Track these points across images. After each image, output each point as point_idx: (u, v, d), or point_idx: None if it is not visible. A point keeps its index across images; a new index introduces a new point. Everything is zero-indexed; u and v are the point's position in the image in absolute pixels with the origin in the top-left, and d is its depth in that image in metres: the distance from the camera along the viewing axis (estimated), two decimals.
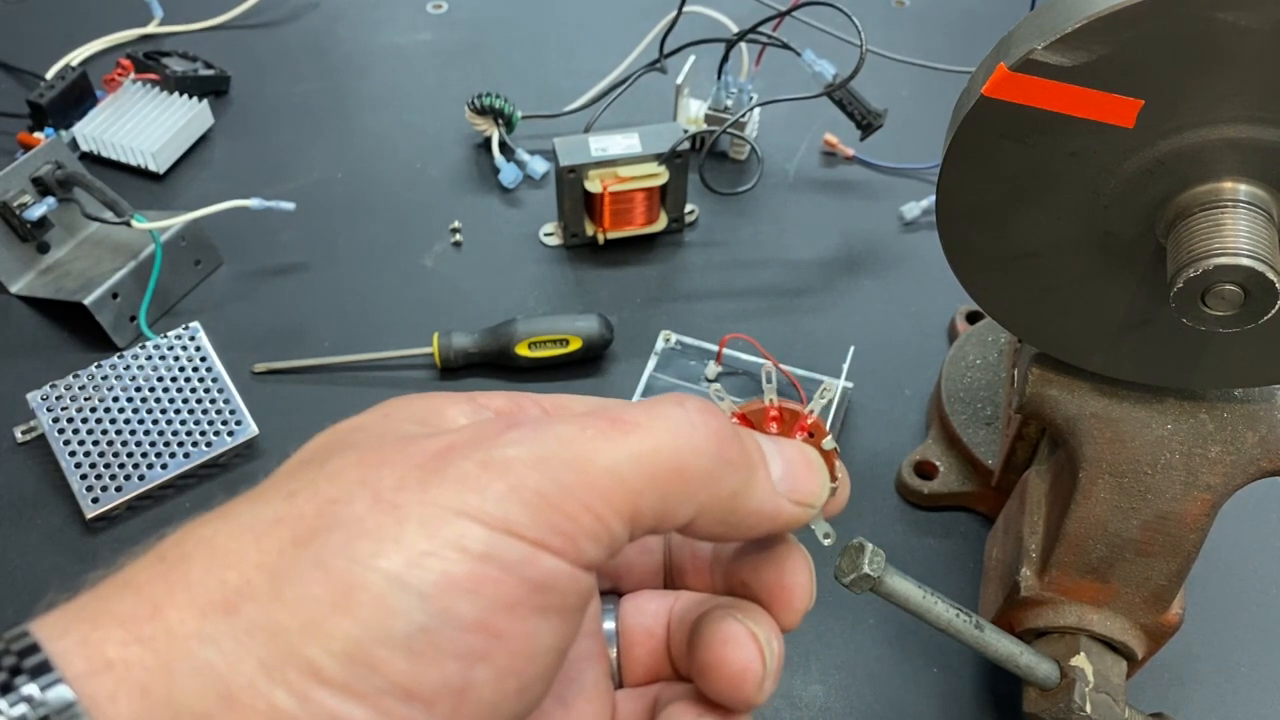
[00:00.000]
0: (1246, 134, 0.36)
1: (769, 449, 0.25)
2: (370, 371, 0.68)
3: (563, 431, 0.22)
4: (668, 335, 0.68)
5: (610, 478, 0.21)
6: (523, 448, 0.21)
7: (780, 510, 0.25)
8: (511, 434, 0.22)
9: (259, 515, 0.21)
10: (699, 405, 0.23)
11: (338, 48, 0.93)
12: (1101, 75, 0.36)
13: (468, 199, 0.80)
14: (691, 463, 0.23)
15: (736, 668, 0.25)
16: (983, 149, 0.40)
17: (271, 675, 0.18)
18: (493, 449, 0.21)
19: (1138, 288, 0.42)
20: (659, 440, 0.22)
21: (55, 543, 0.59)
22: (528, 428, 0.22)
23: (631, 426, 0.22)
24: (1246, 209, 0.37)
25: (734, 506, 0.24)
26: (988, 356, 0.65)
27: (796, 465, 0.26)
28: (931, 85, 0.84)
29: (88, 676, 0.18)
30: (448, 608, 0.19)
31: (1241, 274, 0.35)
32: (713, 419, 0.23)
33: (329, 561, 0.19)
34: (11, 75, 0.87)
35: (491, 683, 0.20)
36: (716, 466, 0.23)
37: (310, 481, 0.21)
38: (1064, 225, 0.41)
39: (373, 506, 0.20)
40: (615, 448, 0.22)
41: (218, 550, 0.20)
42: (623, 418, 0.22)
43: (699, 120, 0.81)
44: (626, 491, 0.22)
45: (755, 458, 0.24)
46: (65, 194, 0.69)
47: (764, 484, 0.25)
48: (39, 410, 0.60)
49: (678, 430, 0.23)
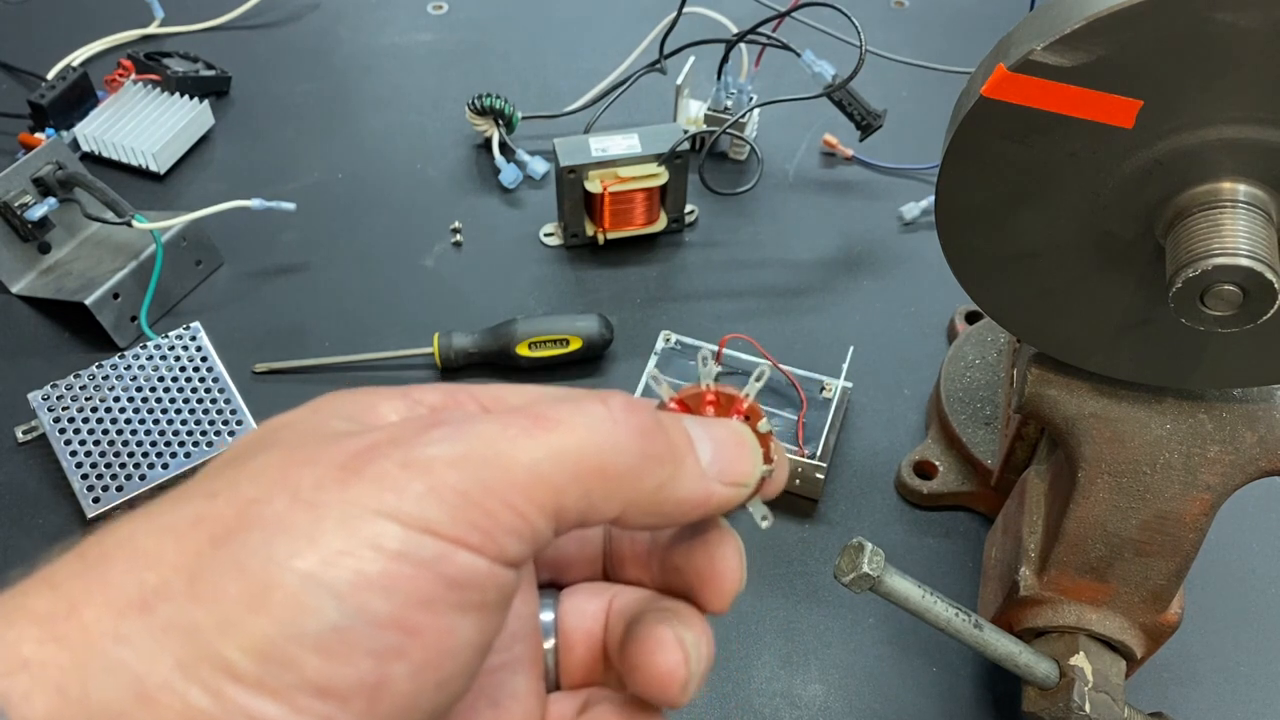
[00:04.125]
0: (1245, 134, 0.36)
1: (697, 432, 0.25)
2: (370, 372, 0.68)
3: (484, 430, 0.22)
4: (668, 335, 0.68)
5: (530, 475, 0.22)
6: (443, 446, 0.21)
7: (711, 494, 0.25)
8: (433, 433, 0.22)
9: (180, 515, 0.21)
10: (622, 402, 0.24)
11: (338, 48, 0.93)
12: (1100, 76, 0.36)
13: (468, 199, 0.80)
14: (613, 460, 0.23)
15: (662, 670, 0.25)
16: (982, 149, 0.40)
17: (187, 673, 0.19)
18: (413, 448, 0.21)
19: (1137, 288, 0.43)
20: (580, 437, 0.22)
21: (56, 543, 0.58)
22: (449, 426, 0.22)
23: (554, 424, 0.22)
24: (1245, 209, 0.37)
25: (661, 498, 0.24)
26: (987, 356, 0.65)
27: (726, 446, 0.26)
28: (931, 86, 0.84)
29: (2, 676, 0.18)
30: (362, 605, 0.20)
31: (1240, 274, 0.36)
32: (635, 415, 0.24)
33: (245, 561, 0.20)
34: (12, 76, 0.87)
35: (407, 678, 0.20)
36: (640, 462, 0.23)
37: (232, 481, 0.22)
38: (1063, 225, 0.41)
39: (291, 506, 0.20)
40: (536, 445, 0.22)
41: (137, 550, 0.20)
42: (545, 415, 0.23)
43: (699, 121, 0.81)
44: (548, 488, 0.22)
45: (682, 447, 0.25)
46: (66, 194, 0.69)
47: (692, 471, 0.25)
48: (40, 410, 0.60)
49: (599, 427, 0.23)
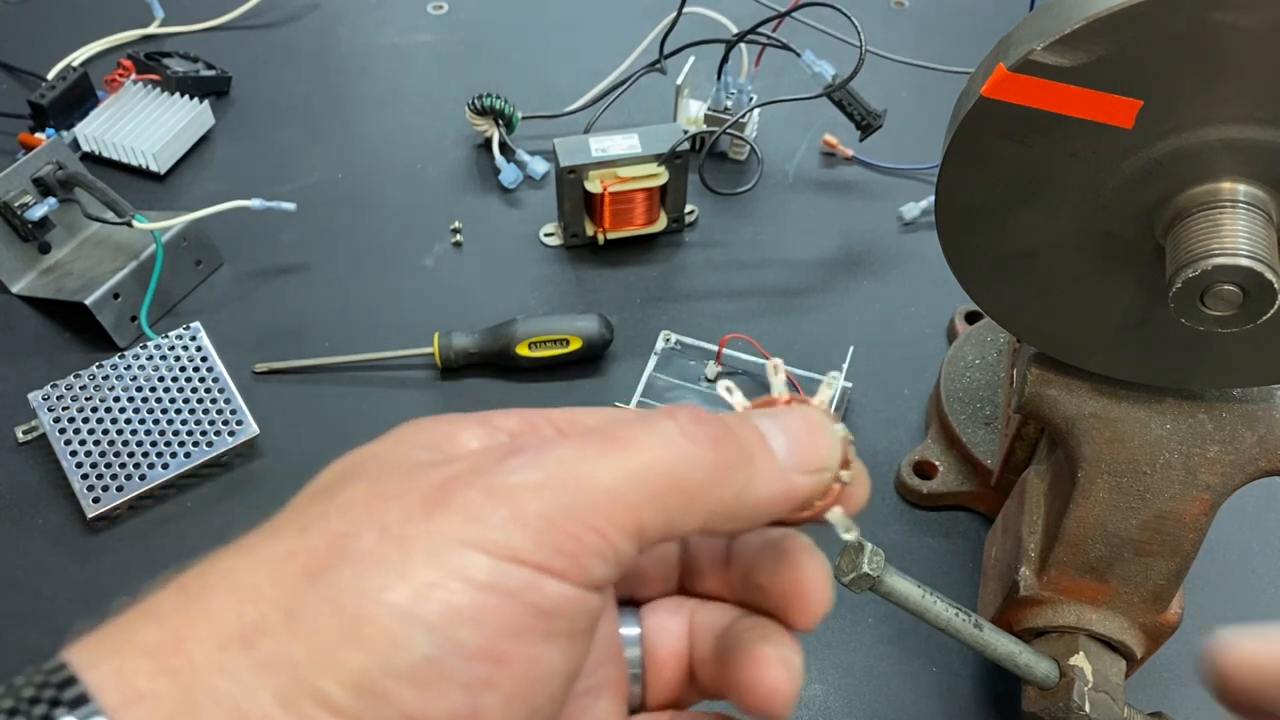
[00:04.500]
0: (1245, 134, 0.36)
1: (768, 426, 0.25)
2: (370, 371, 0.68)
3: (561, 454, 0.22)
4: (668, 335, 0.68)
5: (610, 496, 0.22)
6: (524, 473, 0.22)
7: (792, 485, 0.25)
8: (513, 460, 0.22)
9: (275, 549, 0.22)
10: (691, 415, 0.24)
11: (338, 48, 0.93)
12: (1100, 76, 0.36)
13: (468, 199, 0.80)
14: (689, 473, 0.23)
15: (770, 688, 0.26)
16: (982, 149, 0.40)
17: (287, 707, 0.19)
18: (494, 476, 0.22)
19: (1136, 288, 0.43)
20: (655, 455, 0.23)
21: (56, 542, 0.59)
22: (528, 453, 0.22)
23: (628, 443, 0.23)
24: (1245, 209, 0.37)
25: (742, 502, 0.24)
26: (987, 356, 0.65)
27: (799, 433, 0.25)
28: (931, 86, 0.84)
29: (122, 708, 0.19)
30: (453, 637, 0.20)
31: (1240, 274, 0.36)
32: (705, 425, 0.24)
33: (338, 596, 0.20)
34: (13, 76, 0.87)
35: (499, 709, 0.21)
36: (715, 471, 0.23)
37: (322, 515, 0.22)
38: (1063, 225, 0.41)
39: (380, 540, 0.21)
40: (613, 466, 0.22)
41: (236, 584, 0.21)
42: (619, 435, 0.23)
43: (699, 121, 0.81)
44: (628, 508, 0.22)
45: (754, 446, 0.24)
46: (66, 194, 0.69)
47: (769, 468, 0.24)
48: (40, 410, 0.60)
49: (672, 443, 0.23)
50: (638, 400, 0.64)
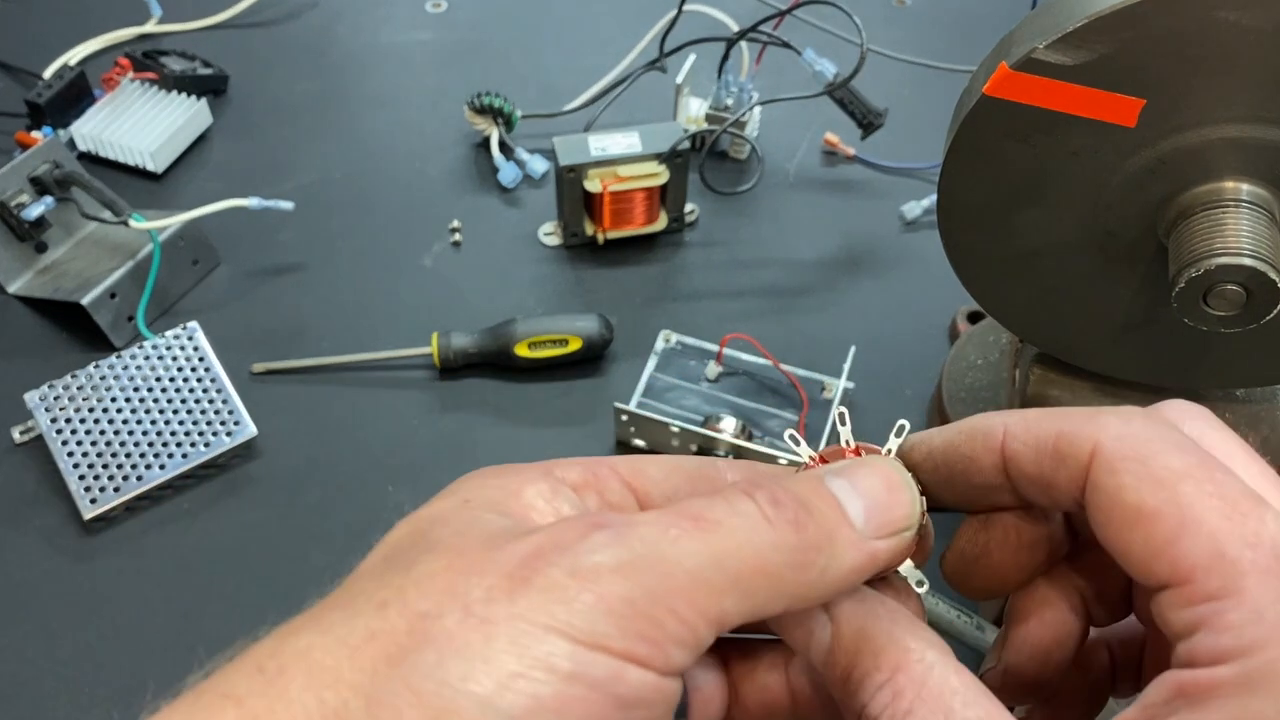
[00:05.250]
0: (1248, 133, 0.36)
1: (844, 492, 0.24)
2: (369, 371, 0.68)
3: (646, 533, 0.22)
4: (668, 335, 0.68)
5: (694, 580, 0.21)
6: (608, 552, 0.21)
7: (874, 555, 0.24)
8: (596, 537, 0.22)
9: (353, 629, 0.21)
10: (768, 495, 0.23)
11: (337, 47, 0.92)
12: (1103, 74, 0.36)
13: (467, 198, 0.79)
14: (772, 558, 0.22)
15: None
16: (984, 148, 0.39)
17: None
18: (579, 556, 0.21)
19: (1139, 288, 0.42)
20: (739, 540, 0.22)
21: (53, 544, 0.59)
22: (611, 530, 0.22)
23: (712, 525, 0.22)
24: (1248, 208, 0.37)
25: (825, 580, 0.23)
26: (989, 356, 0.64)
27: (877, 494, 0.25)
28: (932, 84, 0.84)
29: None
30: None
31: (1244, 274, 0.35)
32: (784, 507, 0.23)
33: (420, 684, 0.20)
34: (9, 74, 0.86)
35: None
36: (798, 555, 0.23)
37: (399, 590, 0.22)
38: (1065, 225, 0.41)
39: (462, 622, 0.20)
40: (698, 549, 0.22)
41: (314, 666, 0.20)
42: (701, 515, 0.22)
43: (699, 119, 0.81)
44: (712, 593, 0.21)
45: (834, 522, 0.24)
46: (63, 193, 0.69)
47: (849, 540, 0.24)
48: (37, 410, 0.60)
49: (755, 527, 0.22)
50: (638, 400, 0.64)
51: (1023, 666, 0.27)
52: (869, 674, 0.23)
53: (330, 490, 0.62)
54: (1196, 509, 0.21)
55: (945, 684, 0.22)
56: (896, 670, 0.23)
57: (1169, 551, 0.21)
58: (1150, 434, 0.23)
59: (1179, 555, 0.21)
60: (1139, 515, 0.21)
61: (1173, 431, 0.23)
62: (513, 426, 0.65)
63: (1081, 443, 0.23)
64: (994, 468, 0.25)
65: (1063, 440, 0.23)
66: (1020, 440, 0.25)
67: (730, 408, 0.65)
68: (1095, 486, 0.22)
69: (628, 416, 0.62)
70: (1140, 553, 0.21)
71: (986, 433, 0.25)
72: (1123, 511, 0.22)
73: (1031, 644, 0.27)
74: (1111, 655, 0.29)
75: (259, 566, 0.58)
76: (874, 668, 0.23)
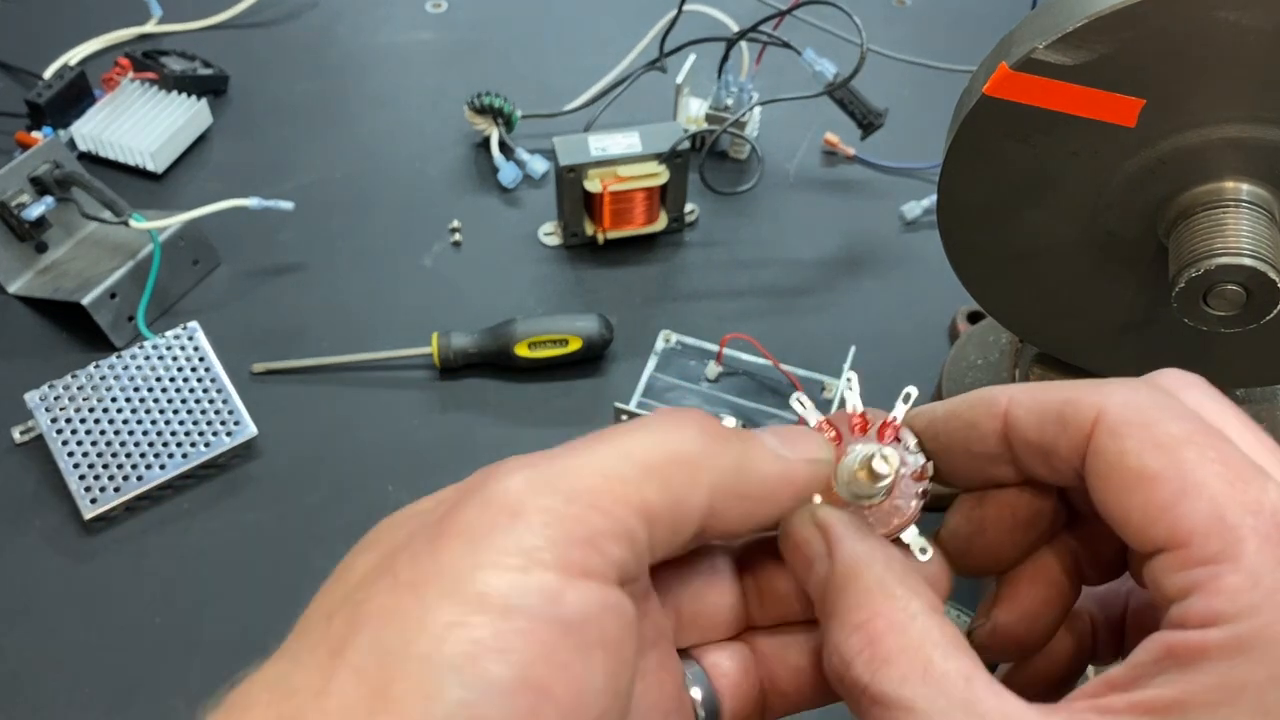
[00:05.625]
0: (1248, 133, 0.36)
1: (756, 431, 0.25)
2: (369, 371, 0.68)
3: (550, 454, 0.22)
4: (668, 335, 0.68)
5: (607, 476, 0.21)
6: (517, 476, 0.21)
7: (793, 468, 0.25)
8: (504, 466, 0.22)
9: (303, 643, 0.21)
10: (677, 409, 0.24)
11: (337, 47, 0.92)
12: (1103, 74, 0.36)
13: (467, 198, 0.79)
14: (681, 447, 0.23)
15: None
16: (984, 148, 0.39)
17: None
18: (488, 489, 0.21)
19: (1139, 288, 0.42)
20: (644, 437, 0.23)
21: (53, 543, 0.59)
22: (519, 458, 0.22)
23: (614, 434, 0.23)
24: (1248, 209, 0.37)
25: (744, 478, 0.24)
26: (989, 357, 0.64)
27: (786, 432, 0.26)
28: (932, 84, 0.84)
29: None
30: (483, 676, 0.19)
31: (1244, 274, 0.35)
32: (692, 413, 0.24)
33: (362, 663, 0.20)
34: (9, 74, 0.86)
35: None
36: (708, 443, 0.23)
37: (343, 598, 0.22)
38: (1065, 225, 0.41)
39: (392, 593, 0.20)
40: (605, 450, 0.22)
41: (271, 686, 0.21)
42: (604, 432, 0.23)
43: (699, 119, 0.81)
44: (628, 484, 0.22)
45: (745, 434, 0.24)
46: (63, 193, 0.69)
47: (763, 451, 0.24)
48: (37, 410, 0.60)
49: (661, 425, 0.23)
50: (638, 400, 0.64)
51: (1012, 626, 0.27)
52: (848, 611, 0.23)
53: (330, 490, 0.62)
54: (1198, 474, 0.21)
55: (927, 636, 0.22)
56: (876, 615, 0.23)
57: (1168, 515, 0.21)
58: (1154, 401, 0.23)
59: (1178, 518, 0.21)
60: (1139, 478, 0.21)
61: (1175, 400, 0.23)
62: (513, 426, 0.65)
63: (1085, 409, 0.23)
64: (995, 434, 0.25)
65: (1068, 406, 0.23)
66: (1024, 407, 0.25)
67: (730, 408, 0.65)
68: (1097, 450, 0.22)
69: (628, 416, 0.62)
70: (1139, 517, 0.21)
71: (990, 400, 0.26)
72: (1123, 475, 0.22)
73: (1023, 604, 0.27)
74: (1094, 623, 0.29)
75: (259, 566, 0.58)
76: (855, 605, 0.23)
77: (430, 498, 0.25)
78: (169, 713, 0.52)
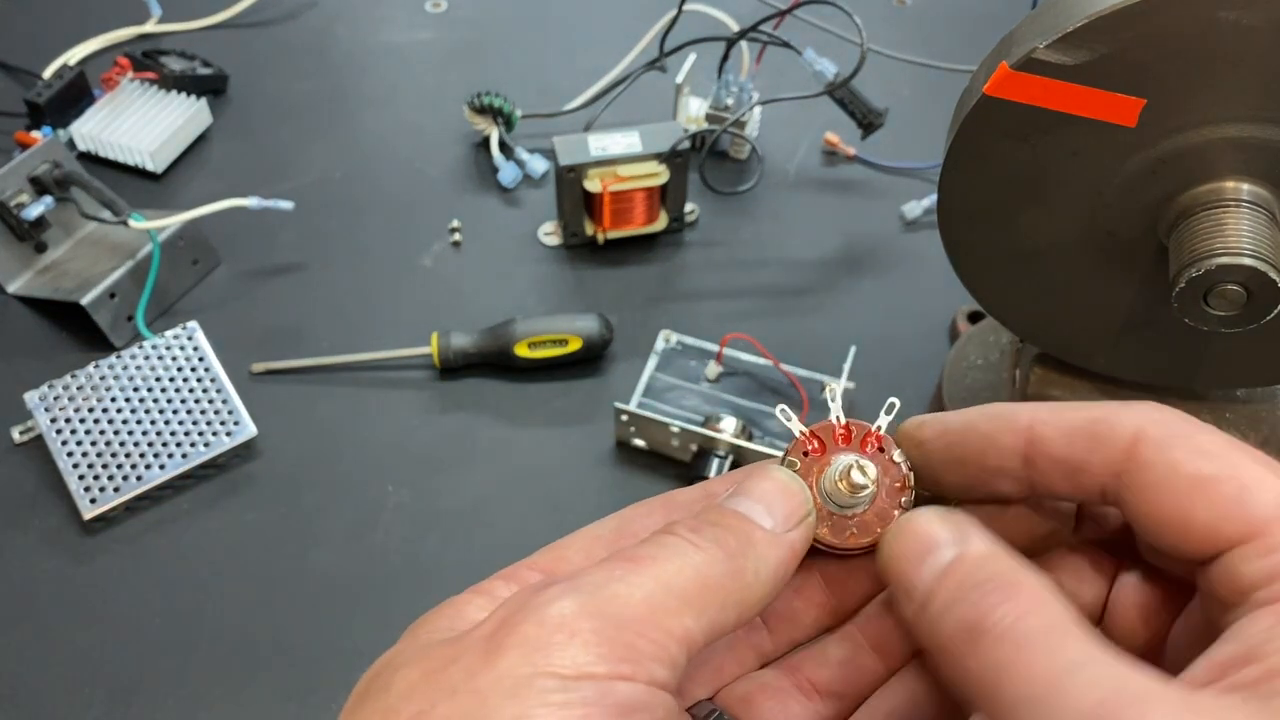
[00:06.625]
0: (1248, 133, 0.36)
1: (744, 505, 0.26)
2: (369, 371, 0.68)
3: (594, 578, 0.23)
4: (668, 335, 0.68)
5: (651, 608, 0.23)
6: (567, 600, 0.23)
7: (794, 545, 0.26)
8: (551, 591, 0.23)
9: None
10: (687, 528, 0.25)
11: (336, 47, 0.92)
12: (1103, 74, 0.36)
13: (467, 198, 0.79)
14: (711, 575, 0.24)
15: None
16: (984, 148, 0.39)
17: None
18: (542, 610, 0.22)
19: (1139, 288, 0.42)
20: (675, 566, 0.24)
21: (53, 544, 0.59)
22: (561, 584, 0.23)
23: (647, 560, 0.24)
24: (1249, 208, 0.37)
25: (761, 580, 0.25)
26: (989, 357, 0.64)
27: (772, 496, 0.27)
28: (933, 84, 0.84)
29: None
30: None
31: (1244, 274, 0.35)
32: (703, 533, 0.25)
33: None
34: (9, 74, 0.86)
35: None
36: (730, 564, 0.25)
37: (387, 709, 0.22)
38: (1066, 225, 0.41)
39: (453, 701, 0.21)
40: (644, 581, 0.23)
41: None
42: (635, 555, 0.24)
43: (699, 119, 0.81)
44: (669, 614, 0.23)
45: (748, 529, 0.26)
46: (63, 193, 0.69)
47: (766, 542, 0.26)
48: (36, 410, 0.60)
49: (686, 553, 0.25)
50: (638, 400, 0.64)
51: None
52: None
53: (330, 490, 0.62)
54: (1253, 473, 0.23)
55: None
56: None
57: (1237, 510, 0.22)
58: (1180, 418, 0.24)
59: (1249, 512, 0.22)
60: (1199, 483, 0.23)
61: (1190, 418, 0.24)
62: (513, 426, 0.65)
63: (1121, 427, 0.24)
64: (1012, 450, 0.26)
65: (1100, 424, 0.24)
66: (1050, 425, 0.25)
67: (730, 408, 0.65)
68: (1146, 463, 0.23)
69: (628, 416, 0.62)
70: (1205, 518, 0.23)
71: (1011, 415, 0.26)
72: (1180, 482, 0.23)
73: None
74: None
75: (259, 566, 0.58)
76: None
77: (439, 620, 0.26)
78: (169, 713, 0.52)
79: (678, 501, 0.29)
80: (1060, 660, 0.21)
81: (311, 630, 0.55)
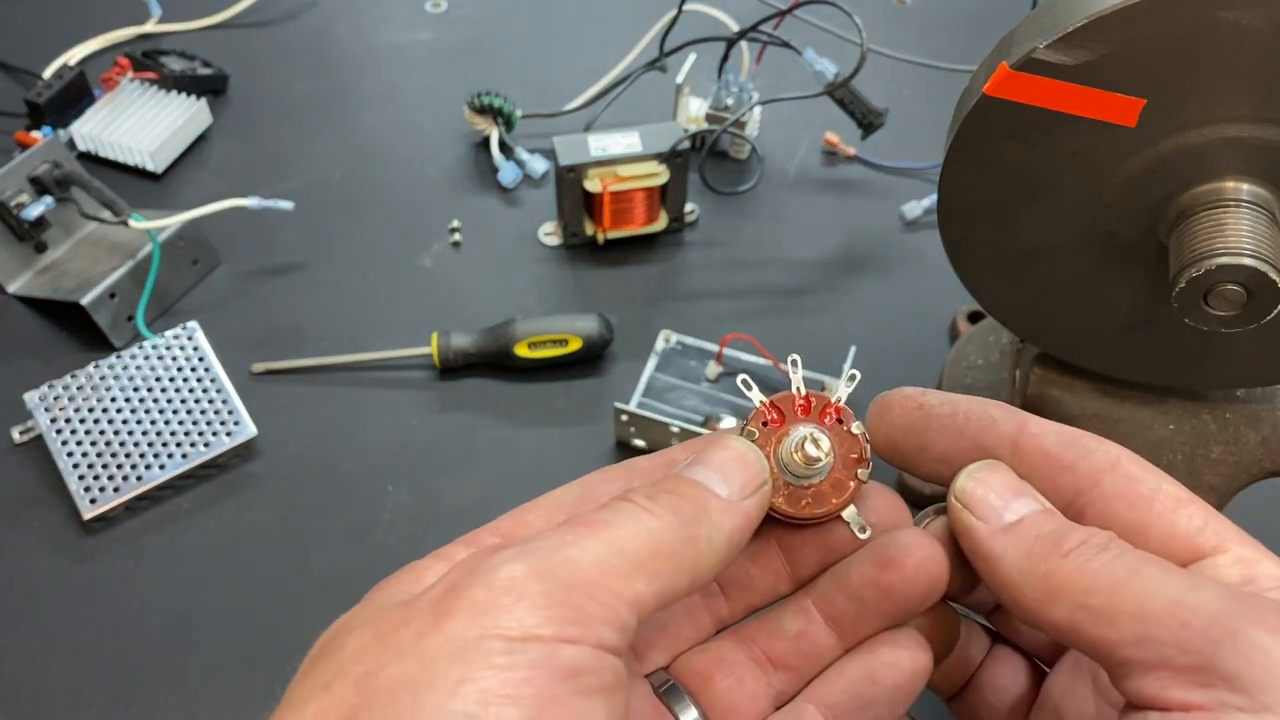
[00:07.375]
0: (1248, 133, 0.36)
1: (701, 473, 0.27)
2: (369, 372, 0.68)
3: (546, 543, 0.24)
4: (668, 335, 0.68)
5: (602, 571, 0.23)
6: (518, 564, 0.23)
7: (748, 513, 0.27)
8: (502, 554, 0.23)
9: (304, 715, 0.22)
10: (643, 492, 0.26)
11: (336, 46, 0.92)
12: (1103, 74, 0.36)
13: (467, 198, 0.79)
14: (664, 540, 0.25)
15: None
16: (984, 148, 0.39)
17: None
18: (491, 573, 0.23)
19: (1140, 288, 0.42)
20: (628, 530, 0.25)
21: (52, 544, 0.59)
22: (512, 548, 0.24)
23: (601, 525, 0.24)
24: (1249, 208, 0.37)
25: (715, 546, 0.26)
26: (989, 357, 0.64)
27: (729, 464, 0.27)
28: (933, 84, 0.84)
29: None
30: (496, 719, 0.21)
31: (1244, 274, 0.35)
32: (659, 496, 0.26)
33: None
34: (9, 74, 0.86)
35: None
36: (684, 531, 0.25)
37: (337, 669, 0.23)
38: (1066, 225, 0.41)
39: (401, 664, 0.22)
40: (596, 545, 0.24)
41: None
42: (590, 520, 0.25)
43: (699, 119, 0.81)
44: (620, 578, 0.24)
45: (703, 497, 0.26)
46: (63, 193, 0.69)
47: (721, 509, 0.26)
48: (36, 410, 0.60)
49: (641, 519, 0.25)
50: (638, 400, 0.64)
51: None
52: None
53: (330, 490, 0.62)
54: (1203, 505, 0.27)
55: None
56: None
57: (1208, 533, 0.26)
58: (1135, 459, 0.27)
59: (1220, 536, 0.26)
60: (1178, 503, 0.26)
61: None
62: (513, 426, 0.65)
63: (1107, 449, 0.27)
64: (1008, 437, 0.28)
65: (1091, 440, 0.27)
66: (1046, 426, 0.28)
67: (730, 408, 0.65)
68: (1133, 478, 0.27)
69: (628, 416, 0.62)
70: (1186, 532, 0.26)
71: (1014, 410, 0.29)
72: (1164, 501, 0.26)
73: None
74: None
75: (259, 566, 0.58)
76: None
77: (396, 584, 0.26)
78: (169, 713, 0.52)
79: (638, 468, 0.30)
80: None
81: (311, 630, 0.55)
